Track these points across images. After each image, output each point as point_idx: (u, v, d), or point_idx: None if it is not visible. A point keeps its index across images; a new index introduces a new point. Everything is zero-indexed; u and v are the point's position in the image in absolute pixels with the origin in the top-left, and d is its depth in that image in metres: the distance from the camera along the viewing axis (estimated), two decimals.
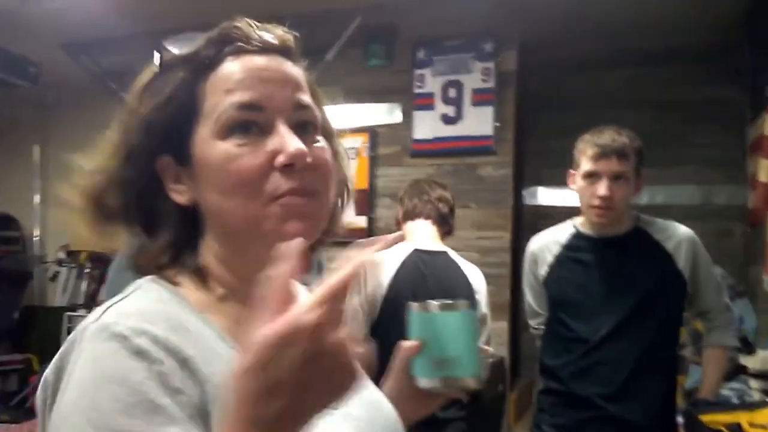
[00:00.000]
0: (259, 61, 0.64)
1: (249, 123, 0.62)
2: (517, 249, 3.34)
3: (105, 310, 0.59)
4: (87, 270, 4.89)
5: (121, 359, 0.53)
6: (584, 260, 1.84)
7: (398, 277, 1.93)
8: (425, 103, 3.62)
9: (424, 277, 1.96)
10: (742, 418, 1.59)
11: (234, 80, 0.63)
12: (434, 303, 0.77)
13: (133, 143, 0.67)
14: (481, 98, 3.52)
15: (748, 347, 1.91)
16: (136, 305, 0.61)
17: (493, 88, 3.50)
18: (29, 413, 3.74)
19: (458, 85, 3.56)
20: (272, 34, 0.67)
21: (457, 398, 0.77)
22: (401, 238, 2.09)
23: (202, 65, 0.65)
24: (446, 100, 3.58)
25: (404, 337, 0.83)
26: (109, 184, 0.69)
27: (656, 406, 1.78)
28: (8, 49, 4.35)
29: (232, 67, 0.64)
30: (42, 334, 4.79)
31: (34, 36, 4.12)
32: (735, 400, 1.99)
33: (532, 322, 2.05)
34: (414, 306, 0.78)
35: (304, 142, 0.62)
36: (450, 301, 0.78)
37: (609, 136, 1.75)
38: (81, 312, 4.59)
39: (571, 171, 1.84)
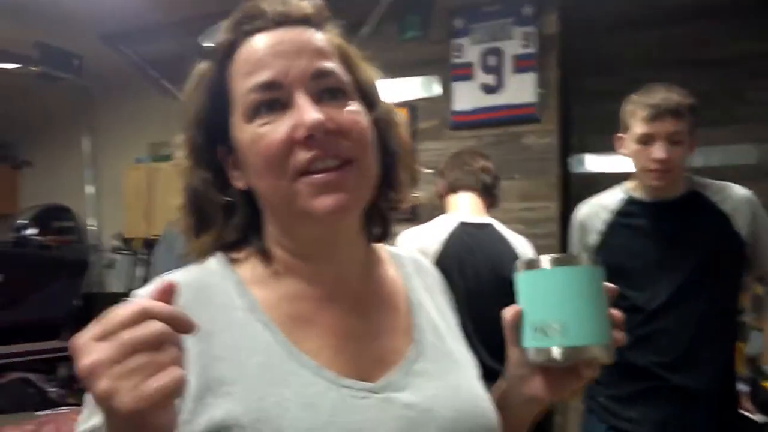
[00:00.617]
0: (275, 36, 0.63)
1: (270, 102, 0.62)
2: (565, 219, 3.26)
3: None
4: (141, 256, 5.03)
5: None
6: (638, 226, 1.78)
7: (444, 251, 1.91)
8: (464, 73, 3.54)
9: (471, 251, 1.93)
10: None
11: (251, 62, 0.63)
12: (543, 258, 0.66)
13: (194, 140, 0.69)
14: (522, 64, 3.43)
15: None
16: (178, 276, 0.64)
17: (534, 53, 3.40)
18: None
19: (498, 53, 3.47)
20: (290, 5, 0.65)
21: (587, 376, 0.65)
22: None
23: (225, 52, 0.66)
24: (486, 69, 3.50)
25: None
26: (190, 181, 0.70)
27: (717, 374, 1.73)
28: (50, 43, 4.46)
29: (248, 49, 0.64)
30: None
31: (72, 28, 4.21)
32: None
33: None
34: (518, 264, 0.68)
35: (332, 108, 0.61)
36: (562, 255, 0.66)
37: (661, 95, 1.67)
38: None
39: (620, 135, 1.77)
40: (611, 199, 1.86)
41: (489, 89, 3.50)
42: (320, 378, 0.61)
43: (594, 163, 3.82)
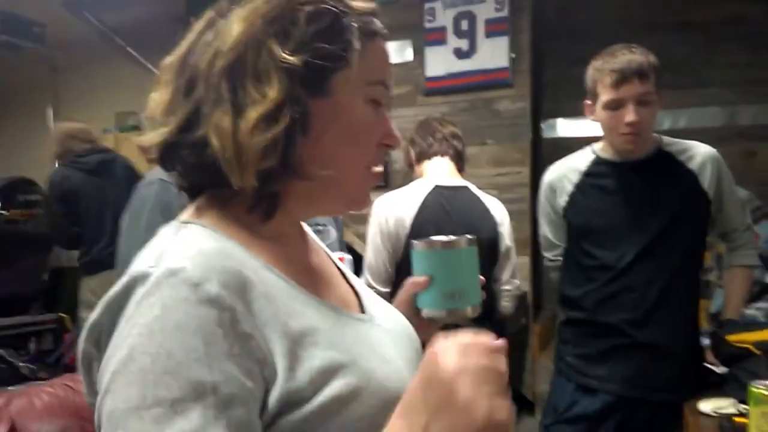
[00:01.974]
0: (387, 49, 0.73)
1: (382, 101, 0.72)
2: (537, 184, 3.30)
3: (161, 254, 0.59)
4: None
5: (192, 307, 0.53)
6: (607, 186, 1.80)
7: (421, 214, 1.92)
8: (437, 38, 3.52)
9: (447, 213, 1.94)
10: (763, 335, 1.58)
11: (384, 58, 0.72)
12: (438, 240, 0.84)
13: (295, 49, 0.64)
14: (494, 28, 3.42)
15: None
16: (195, 246, 0.60)
17: (507, 16, 3.38)
18: (66, 370, 3.87)
19: (470, 16, 3.45)
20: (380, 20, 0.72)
21: (458, 325, 0.78)
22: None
23: (371, 31, 0.69)
24: (458, 33, 3.49)
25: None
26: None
27: (682, 329, 1.78)
28: (10, 10, 4.30)
29: (379, 48, 0.71)
30: (71, 293, 4.90)
31: None
32: (762, 319, 1.98)
33: (548, 254, 2.02)
34: (418, 244, 0.85)
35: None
36: (452, 238, 0.84)
37: (624, 58, 1.66)
38: None
39: (588, 102, 1.77)
40: (580, 160, 1.88)
41: (462, 54, 3.49)
42: (343, 315, 0.69)
43: (566, 127, 3.86)
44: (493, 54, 3.41)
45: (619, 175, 1.79)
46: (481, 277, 0.86)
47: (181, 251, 0.59)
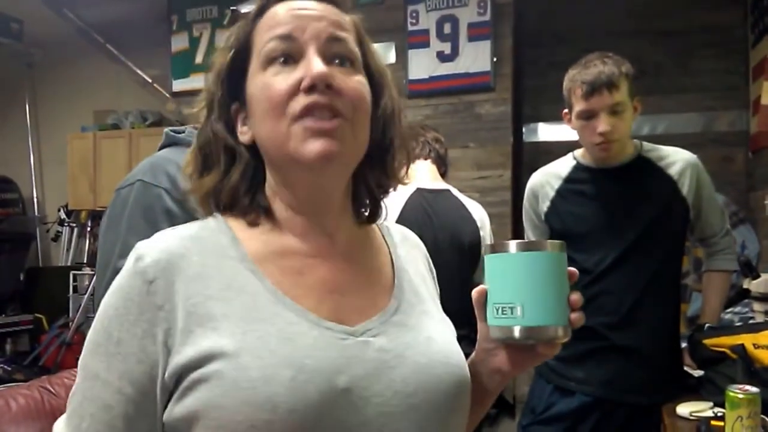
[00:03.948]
0: (300, 3, 0.70)
1: (284, 53, 0.68)
2: (518, 187, 3.33)
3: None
4: (89, 228, 4.90)
5: (127, 276, 0.66)
6: (587, 192, 1.83)
7: (403, 217, 1.92)
8: (420, 40, 3.54)
9: (429, 216, 1.95)
10: (746, 339, 1.61)
11: (276, 19, 0.70)
12: (508, 243, 0.70)
13: (214, 94, 0.74)
14: (477, 32, 3.44)
15: (752, 272, 1.91)
16: (180, 229, 0.71)
17: (489, 21, 3.41)
18: (43, 371, 3.81)
19: (453, 20, 3.47)
20: None
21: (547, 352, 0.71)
22: None
23: (255, 14, 0.72)
24: (441, 37, 3.50)
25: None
26: (203, 130, 0.75)
27: (660, 333, 1.80)
28: None
29: (275, 9, 0.71)
30: (49, 294, 4.84)
31: None
32: (738, 323, 2.01)
33: None
34: (486, 247, 0.72)
35: (336, 70, 0.68)
36: (527, 241, 0.71)
37: (595, 69, 1.69)
38: (86, 270, 4.63)
39: (565, 111, 1.81)
40: (562, 166, 1.90)
41: (444, 57, 3.51)
42: (303, 319, 0.66)
43: (547, 132, 3.89)
44: (476, 58, 3.43)
45: (599, 181, 1.81)
46: (574, 297, 0.70)
47: (162, 234, 0.70)
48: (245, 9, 0.73)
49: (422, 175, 2.05)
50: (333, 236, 0.74)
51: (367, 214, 0.80)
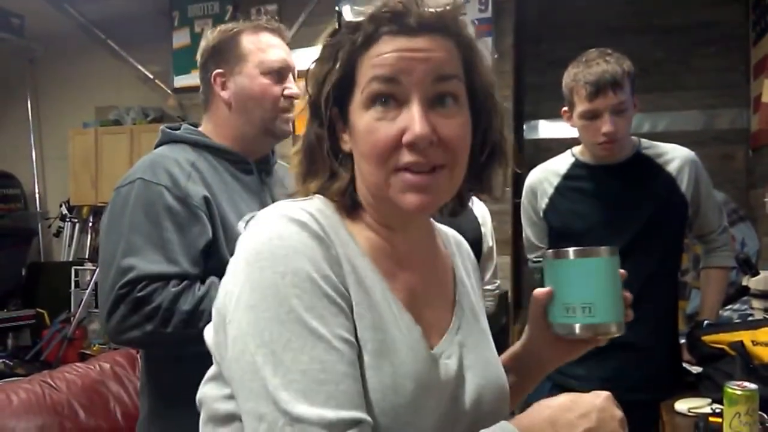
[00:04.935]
0: (409, 43, 0.68)
1: (387, 95, 0.68)
2: (518, 184, 3.32)
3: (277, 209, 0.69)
4: (90, 224, 4.91)
5: (305, 238, 0.64)
6: (585, 189, 1.83)
7: None
8: None
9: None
10: (745, 336, 1.61)
11: (381, 57, 0.68)
12: (570, 250, 0.79)
13: (317, 98, 0.73)
14: (478, 29, 3.42)
15: (752, 269, 1.92)
16: (310, 206, 0.70)
17: (490, 17, 3.40)
18: (44, 366, 3.83)
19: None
20: (429, 11, 0.68)
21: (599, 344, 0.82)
22: None
23: (363, 40, 0.69)
24: None
25: None
26: (307, 132, 0.76)
27: (659, 330, 1.80)
28: None
29: (383, 47, 0.68)
30: (50, 289, 4.85)
31: None
32: (737, 320, 2.02)
33: (531, 256, 2.04)
34: (548, 254, 0.80)
35: (441, 116, 0.68)
36: (587, 248, 0.79)
37: (599, 68, 1.66)
38: (88, 265, 4.63)
39: (565, 109, 1.79)
40: (561, 163, 1.90)
41: None
42: (415, 328, 0.69)
43: (547, 129, 3.89)
44: None
45: (598, 178, 1.81)
46: (627, 294, 0.81)
47: (299, 205, 0.70)
48: (350, 16, 0.70)
49: None
50: (417, 243, 0.77)
51: (451, 210, 0.80)
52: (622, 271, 0.80)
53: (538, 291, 0.81)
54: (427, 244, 0.80)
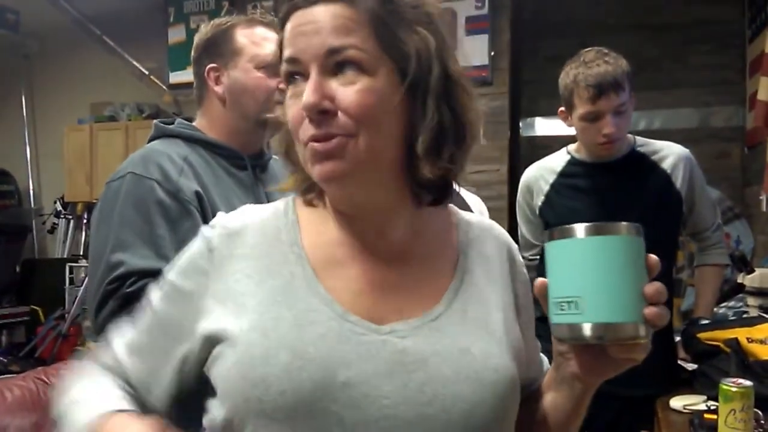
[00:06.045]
0: (304, 16, 0.68)
1: (293, 74, 0.69)
2: (515, 181, 3.33)
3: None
4: (85, 220, 4.90)
5: (198, 239, 0.77)
6: (581, 186, 1.83)
7: None
8: None
9: None
10: (740, 333, 1.61)
11: (286, 38, 0.69)
12: (570, 227, 0.61)
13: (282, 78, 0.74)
14: (475, 26, 3.43)
15: (746, 266, 1.92)
16: (250, 210, 0.78)
17: (487, 15, 3.40)
18: (38, 363, 3.82)
19: (451, 14, 3.46)
20: None
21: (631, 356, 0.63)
22: None
23: (281, 22, 0.71)
24: None
25: None
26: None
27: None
28: None
29: (289, 26, 0.69)
30: (45, 286, 4.84)
31: None
32: (732, 318, 2.02)
33: (527, 254, 2.03)
34: (546, 234, 0.64)
35: (338, 83, 0.66)
36: (591, 224, 0.60)
37: (599, 69, 1.65)
38: (82, 262, 4.62)
39: (562, 110, 1.78)
40: (556, 160, 1.90)
41: None
42: (327, 308, 0.68)
43: (544, 126, 3.89)
44: (473, 51, 3.43)
45: (593, 175, 1.81)
46: (648, 288, 0.61)
47: (247, 209, 0.80)
48: None
49: None
50: (385, 234, 0.72)
51: (432, 199, 0.73)
52: (651, 257, 0.62)
53: (536, 282, 0.68)
54: (406, 231, 0.73)
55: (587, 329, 0.59)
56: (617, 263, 0.59)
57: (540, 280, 0.67)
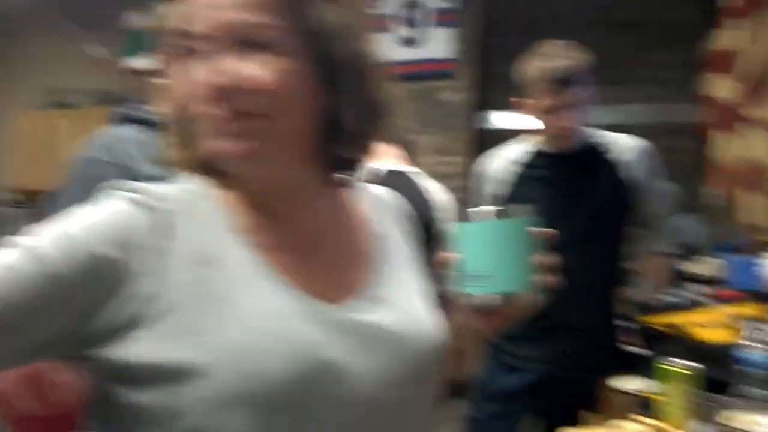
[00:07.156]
0: None
1: (192, 48, 0.66)
2: None
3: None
4: (41, 209, 4.77)
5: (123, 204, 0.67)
6: (540, 176, 1.87)
7: None
8: (382, 25, 3.52)
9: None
10: (681, 318, 1.68)
11: (186, 10, 0.67)
12: (473, 211, 0.75)
13: None
14: (443, 18, 3.44)
15: (695, 256, 1.99)
16: (162, 188, 0.70)
17: (457, 7, 3.40)
18: None
19: (419, 5, 3.46)
20: None
21: (512, 316, 0.78)
22: None
23: None
24: (406, 21, 3.48)
25: None
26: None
27: (608, 313, 1.86)
28: None
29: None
30: None
31: None
32: (680, 303, 2.09)
33: None
34: (461, 215, 0.76)
35: (247, 61, 0.64)
36: (491, 209, 0.75)
37: (559, 62, 1.69)
38: None
39: (518, 100, 1.81)
40: (515, 151, 1.94)
41: (407, 42, 3.50)
42: (287, 292, 0.68)
43: (508, 119, 3.92)
44: (440, 44, 3.44)
45: (550, 166, 1.85)
46: (536, 259, 0.74)
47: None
48: None
49: (388, 157, 2.05)
50: (304, 214, 0.74)
51: (339, 178, 0.77)
52: (546, 231, 0.76)
53: (441, 256, 0.77)
54: (323, 208, 0.76)
55: (496, 299, 0.74)
56: (516, 242, 0.74)
57: (452, 254, 0.75)
